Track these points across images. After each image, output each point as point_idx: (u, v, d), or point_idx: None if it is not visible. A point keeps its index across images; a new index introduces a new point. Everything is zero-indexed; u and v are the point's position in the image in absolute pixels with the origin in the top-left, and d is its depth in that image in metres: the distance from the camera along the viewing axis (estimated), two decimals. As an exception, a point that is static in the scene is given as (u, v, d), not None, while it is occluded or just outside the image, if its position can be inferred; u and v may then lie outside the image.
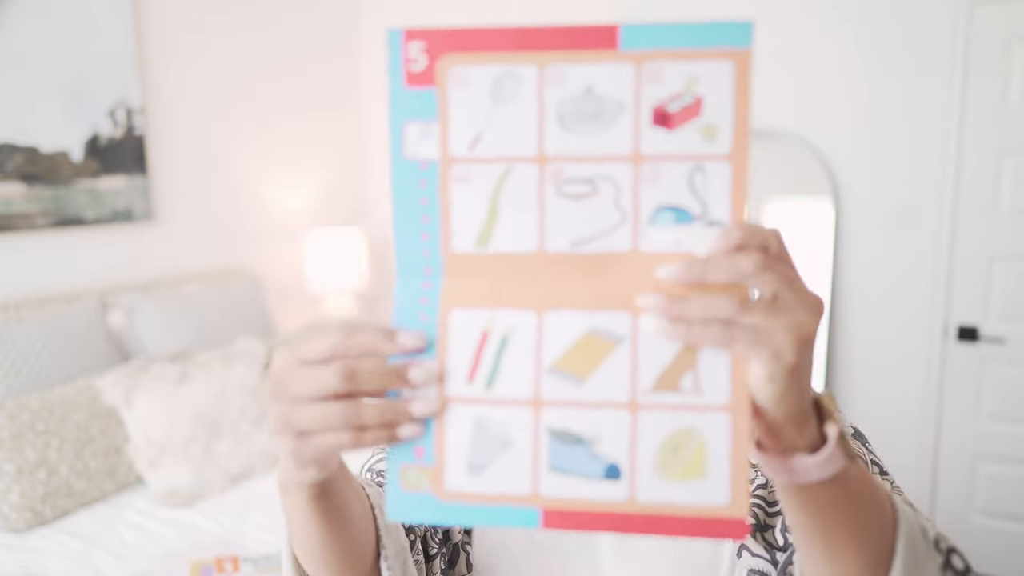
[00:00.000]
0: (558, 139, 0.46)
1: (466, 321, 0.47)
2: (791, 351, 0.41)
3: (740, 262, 0.41)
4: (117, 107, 2.52)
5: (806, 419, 0.45)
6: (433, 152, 0.47)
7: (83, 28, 2.40)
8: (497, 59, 0.45)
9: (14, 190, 2.26)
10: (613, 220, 0.46)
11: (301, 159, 3.28)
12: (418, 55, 0.46)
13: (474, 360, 0.47)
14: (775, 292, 0.42)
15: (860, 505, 0.48)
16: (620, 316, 0.45)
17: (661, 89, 0.44)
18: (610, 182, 0.45)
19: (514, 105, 0.46)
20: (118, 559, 1.77)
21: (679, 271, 0.43)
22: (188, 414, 2.14)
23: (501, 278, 0.47)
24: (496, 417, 0.46)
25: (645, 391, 0.45)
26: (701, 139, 0.44)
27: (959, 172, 2.37)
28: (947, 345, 2.47)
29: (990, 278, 2.38)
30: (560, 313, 0.46)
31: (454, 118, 0.46)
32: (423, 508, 0.47)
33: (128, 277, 2.58)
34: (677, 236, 0.45)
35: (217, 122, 2.91)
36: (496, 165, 0.46)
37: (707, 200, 0.44)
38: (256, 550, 1.81)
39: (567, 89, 0.45)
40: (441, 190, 0.47)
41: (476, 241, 0.47)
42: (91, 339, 2.30)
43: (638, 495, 0.45)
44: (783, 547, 0.63)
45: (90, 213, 2.46)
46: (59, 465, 1.95)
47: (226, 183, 2.96)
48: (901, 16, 2.38)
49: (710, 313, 0.42)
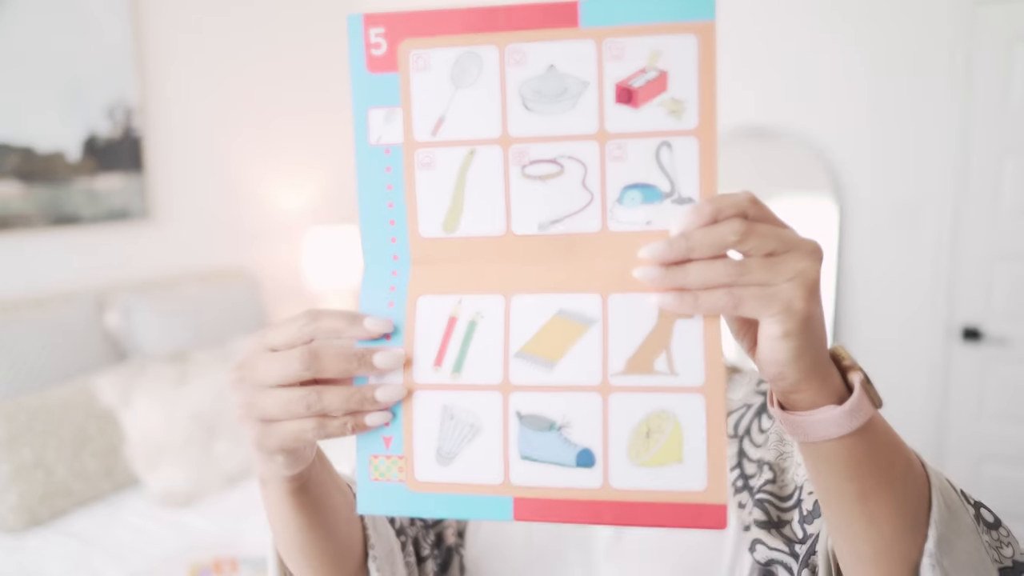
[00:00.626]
0: (522, 120, 0.45)
1: (433, 307, 0.46)
2: (801, 300, 0.40)
3: (722, 231, 0.40)
4: (114, 106, 2.50)
5: (828, 371, 0.43)
6: (397, 137, 0.46)
7: (81, 27, 2.39)
8: (457, 41, 0.45)
9: (11, 189, 2.24)
10: (581, 200, 0.45)
11: (299, 158, 3.27)
12: (378, 40, 0.46)
13: (441, 346, 0.46)
14: (768, 250, 0.40)
15: (892, 457, 0.46)
16: (590, 298, 0.45)
17: (624, 65, 0.43)
18: (576, 162, 0.45)
19: (476, 87, 0.45)
20: (116, 560, 1.76)
21: (661, 249, 0.42)
22: (186, 414, 2.12)
23: (469, 262, 0.46)
24: (464, 404, 0.45)
25: (616, 373, 0.44)
26: (667, 114, 0.43)
27: (962, 171, 2.36)
28: (951, 345, 2.46)
29: (993, 278, 2.37)
30: (528, 296, 0.46)
31: (416, 102, 0.46)
32: (393, 499, 0.46)
33: (125, 277, 2.57)
34: (647, 215, 0.44)
35: (215, 121, 2.90)
36: (460, 148, 0.46)
37: (675, 177, 0.43)
38: (255, 552, 1.80)
39: (529, 69, 0.44)
40: (406, 176, 0.46)
41: (443, 226, 0.46)
42: (88, 339, 2.28)
43: (612, 481, 0.44)
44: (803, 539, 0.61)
45: (87, 212, 2.45)
46: (56, 466, 1.93)
47: (224, 182, 2.95)
48: (904, 16, 2.37)
49: (711, 279, 0.41)
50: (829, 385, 0.43)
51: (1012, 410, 2.40)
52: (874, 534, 0.47)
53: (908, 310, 2.50)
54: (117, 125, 2.52)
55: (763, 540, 0.62)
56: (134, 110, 2.56)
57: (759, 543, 0.62)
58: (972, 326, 2.41)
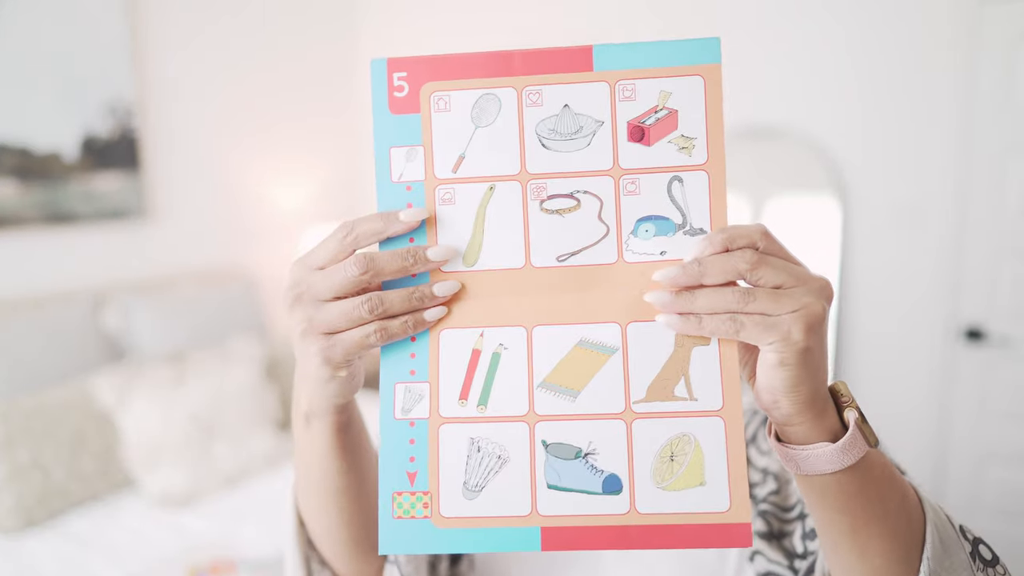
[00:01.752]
0: (539, 157, 0.47)
1: (457, 340, 0.48)
2: (800, 333, 0.41)
3: (734, 260, 0.43)
4: (112, 105, 2.49)
5: (824, 408, 0.45)
6: (418, 175, 0.48)
7: (78, 26, 2.37)
8: (477, 84, 0.48)
9: (8, 188, 2.23)
10: (597, 233, 0.47)
11: (297, 157, 3.25)
12: (401, 83, 0.48)
13: (466, 379, 0.47)
14: (777, 282, 0.42)
15: (886, 493, 0.47)
16: (610, 328, 0.47)
17: (636, 105, 0.46)
18: (592, 196, 0.47)
19: (495, 126, 0.48)
20: (113, 562, 1.75)
21: (675, 273, 0.44)
22: (183, 415, 2.11)
23: (490, 295, 0.48)
24: (491, 436, 0.47)
25: (638, 400, 0.46)
26: (677, 151, 0.46)
27: (964, 171, 2.35)
28: (953, 345, 2.45)
29: (997, 277, 2.36)
30: (550, 328, 0.47)
31: (438, 141, 0.48)
32: (418, 537, 0.46)
33: (123, 276, 2.55)
34: (661, 246, 0.46)
35: (212, 120, 2.88)
36: (480, 185, 0.48)
37: (687, 209, 0.46)
38: (253, 553, 1.78)
39: (545, 109, 0.47)
40: (427, 211, 0.49)
41: (464, 260, 0.48)
42: (85, 339, 2.27)
43: (639, 506, 0.45)
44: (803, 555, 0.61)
45: (84, 212, 2.43)
46: (53, 466, 1.92)
47: (222, 181, 2.94)
48: (908, 14, 2.36)
49: (716, 305, 0.43)
50: (825, 421, 0.45)
51: (1014, 410, 2.38)
52: (866, 565, 0.47)
53: (911, 310, 2.49)
54: (114, 124, 2.50)
55: (763, 552, 0.62)
56: (131, 109, 2.54)
57: (759, 554, 0.62)
58: (975, 326, 2.40)
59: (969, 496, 2.47)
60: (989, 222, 2.34)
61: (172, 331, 2.44)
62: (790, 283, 0.42)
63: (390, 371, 0.48)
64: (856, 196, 2.51)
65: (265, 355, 2.49)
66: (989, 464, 2.44)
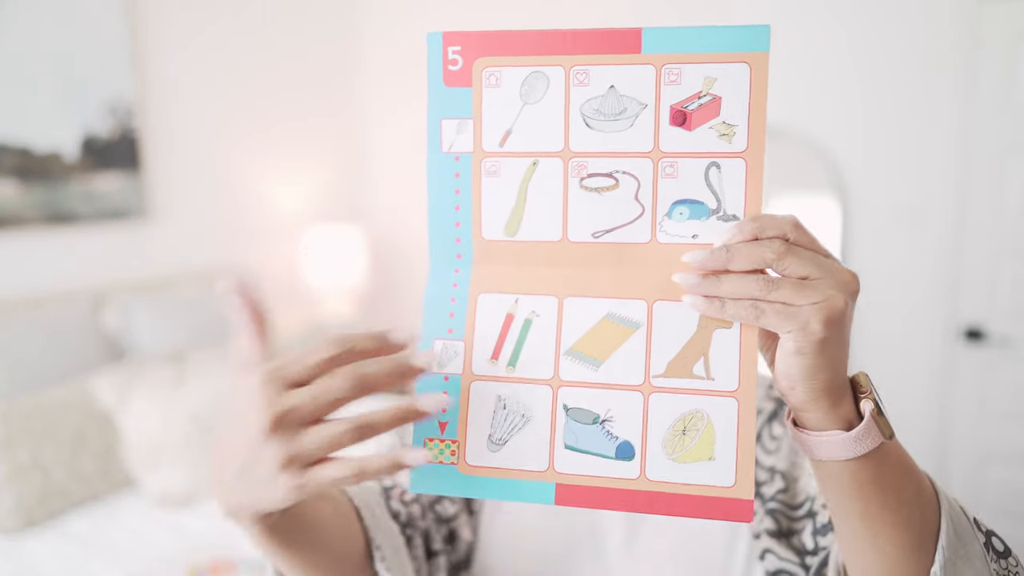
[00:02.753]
0: (583, 136, 0.48)
1: (493, 304, 0.50)
2: (819, 326, 0.42)
3: (761, 249, 0.43)
4: (112, 105, 2.49)
5: (841, 396, 0.45)
6: (467, 146, 0.50)
7: (77, 25, 2.37)
8: (527, 61, 0.49)
9: (8, 188, 2.23)
10: (633, 212, 0.48)
11: (298, 157, 3.25)
12: (455, 57, 0.50)
13: (498, 341, 0.50)
14: (803, 274, 0.43)
15: (900, 483, 0.47)
16: (637, 304, 0.48)
17: (680, 90, 0.47)
18: (631, 177, 0.48)
19: (542, 104, 0.49)
20: (113, 562, 1.75)
21: (703, 257, 0.45)
22: (184, 415, 2.11)
23: (527, 264, 0.50)
24: (517, 395, 0.49)
25: (658, 375, 0.47)
26: (718, 137, 0.47)
27: (965, 171, 2.35)
28: (953, 345, 2.45)
29: (996, 278, 2.36)
30: (580, 299, 0.49)
31: (487, 116, 0.50)
32: (444, 479, 0.49)
33: (123, 276, 2.55)
34: (694, 229, 0.47)
35: (213, 120, 2.88)
36: (524, 159, 0.49)
37: (722, 195, 0.47)
38: (253, 554, 1.78)
39: (591, 89, 0.48)
40: (474, 182, 0.50)
41: (505, 229, 0.50)
42: (85, 339, 2.27)
43: (648, 473, 0.47)
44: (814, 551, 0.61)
45: (85, 212, 2.43)
46: (54, 467, 1.92)
47: (222, 181, 2.93)
48: (908, 14, 2.36)
49: (740, 291, 0.44)
50: (840, 410, 0.45)
51: (1015, 410, 2.38)
52: (878, 553, 0.48)
53: (911, 310, 2.49)
54: (114, 124, 2.50)
55: (773, 550, 0.62)
56: (131, 109, 2.54)
57: (769, 552, 0.62)
58: (975, 326, 2.40)
59: (969, 496, 2.46)
60: (989, 222, 2.34)
61: (172, 331, 2.44)
62: (816, 275, 0.43)
63: (431, 328, 0.50)
64: (856, 196, 2.51)
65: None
66: (989, 464, 2.44)
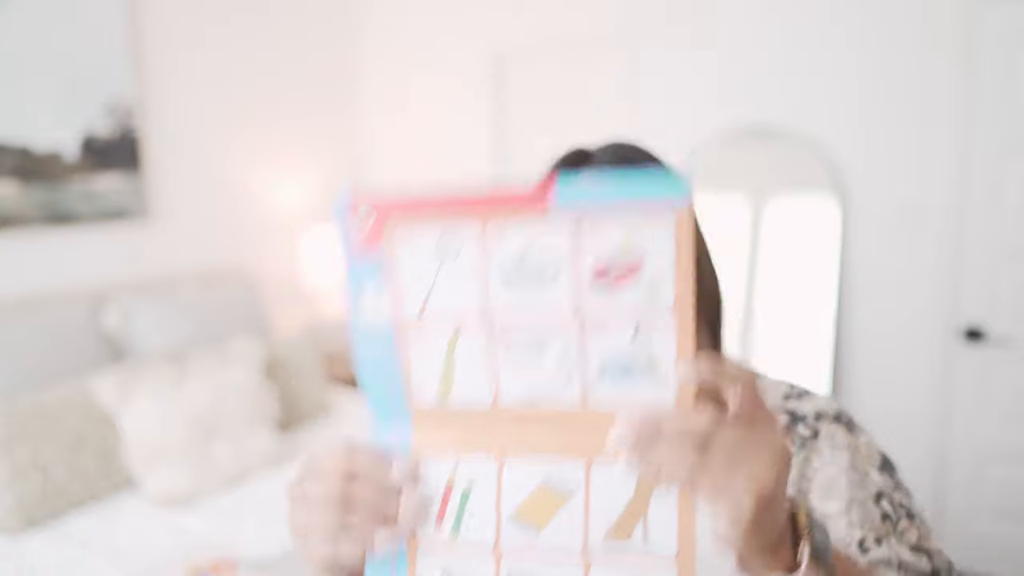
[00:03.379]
0: (503, 297, 0.47)
1: (432, 471, 0.50)
2: (749, 509, 0.42)
3: (690, 424, 0.43)
4: (112, 105, 2.49)
5: (779, 544, 0.46)
6: (387, 316, 0.49)
7: (77, 25, 2.37)
8: (440, 222, 0.47)
9: (8, 189, 2.23)
10: (562, 376, 0.47)
11: (297, 157, 3.25)
12: (364, 222, 0.48)
13: (440, 507, 0.49)
14: (728, 454, 0.42)
15: None
16: (573, 468, 0.47)
17: (600, 246, 0.44)
18: (556, 338, 0.46)
19: (458, 265, 0.47)
20: (113, 562, 1.75)
21: (629, 432, 0.44)
22: (184, 415, 2.11)
23: (462, 430, 0.49)
24: (461, 566, 0.49)
25: (598, 540, 0.46)
26: (643, 293, 0.44)
27: (965, 171, 2.35)
28: (954, 346, 2.45)
29: (996, 278, 2.36)
30: (518, 465, 0.48)
31: (403, 280, 0.48)
32: None
33: (123, 276, 2.55)
34: (625, 391, 0.45)
35: (213, 120, 2.88)
36: (447, 325, 0.48)
37: (652, 353, 0.45)
38: (253, 554, 1.78)
39: (508, 248, 0.46)
40: (400, 353, 0.49)
41: (437, 396, 0.49)
42: (85, 339, 2.27)
43: None
44: None
45: (85, 212, 2.43)
46: (54, 467, 1.92)
47: (222, 181, 2.94)
48: (908, 14, 2.36)
49: (673, 461, 0.43)
50: (779, 557, 0.46)
51: (1015, 410, 2.38)
52: None
53: (911, 310, 2.49)
54: (114, 124, 2.50)
55: None
56: (131, 109, 2.54)
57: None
58: (975, 326, 2.40)
59: (969, 496, 2.47)
60: (989, 222, 2.34)
61: (172, 331, 2.44)
62: (742, 456, 0.42)
63: None
64: (856, 196, 2.51)
65: (265, 355, 2.48)
66: (989, 464, 2.44)
